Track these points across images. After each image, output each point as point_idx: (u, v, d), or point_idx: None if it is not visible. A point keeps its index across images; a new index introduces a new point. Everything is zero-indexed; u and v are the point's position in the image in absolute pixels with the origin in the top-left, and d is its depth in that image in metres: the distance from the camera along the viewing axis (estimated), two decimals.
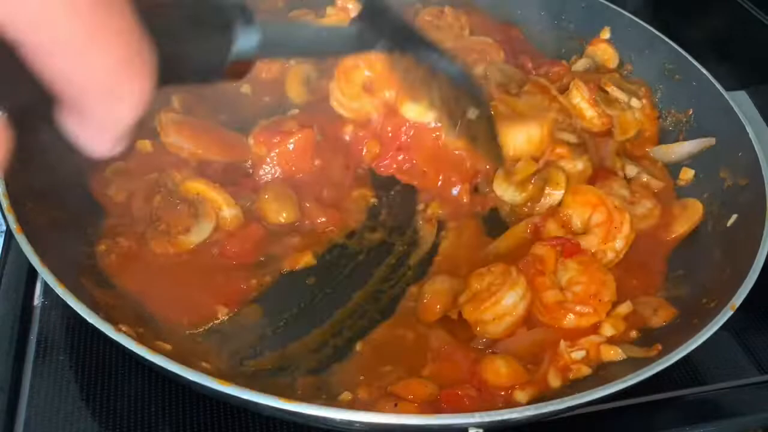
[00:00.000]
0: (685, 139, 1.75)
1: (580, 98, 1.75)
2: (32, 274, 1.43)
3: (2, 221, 1.54)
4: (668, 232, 1.58)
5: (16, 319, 1.34)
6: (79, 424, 1.22)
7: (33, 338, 1.33)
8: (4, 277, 1.41)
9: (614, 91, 1.83)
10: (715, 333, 1.17)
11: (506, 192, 1.55)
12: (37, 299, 1.40)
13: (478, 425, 0.99)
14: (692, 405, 1.37)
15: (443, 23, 1.99)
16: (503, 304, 1.31)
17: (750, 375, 1.43)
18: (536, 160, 1.58)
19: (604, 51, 1.99)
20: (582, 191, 1.51)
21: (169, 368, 1.02)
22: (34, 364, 1.29)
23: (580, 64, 1.98)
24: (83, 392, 1.27)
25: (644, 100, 1.83)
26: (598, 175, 1.63)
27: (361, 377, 1.27)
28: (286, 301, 1.38)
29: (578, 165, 1.58)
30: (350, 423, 1.02)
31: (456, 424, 1.00)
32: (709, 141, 1.70)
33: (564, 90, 1.81)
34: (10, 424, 1.21)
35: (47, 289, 1.40)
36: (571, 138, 1.66)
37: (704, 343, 1.17)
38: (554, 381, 1.26)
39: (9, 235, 1.47)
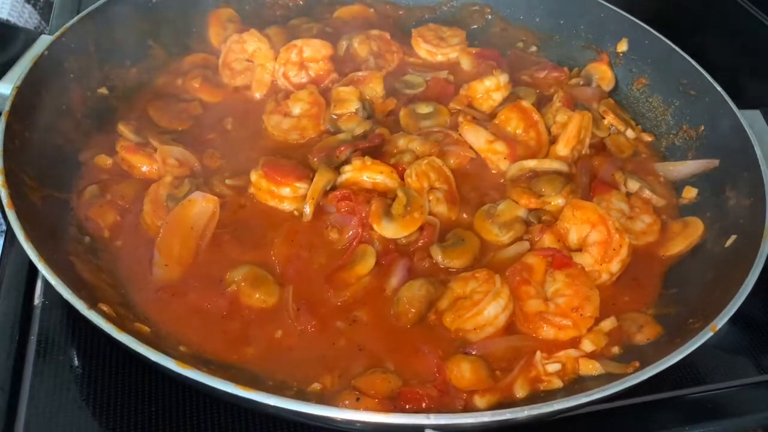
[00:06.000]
0: (694, 156, 1.71)
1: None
2: (32, 273, 1.43)
3: (2, 221, 1.59)
4: (666, 249, 1.54)
5: (16, 319, 1.35)
6: (79, 424, 1.23)
7: (33, 338, 1.34)
8: (4, 277, 1.43)
9: (612, 120, 1.81)
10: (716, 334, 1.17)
11: (490, 232, 1.51)
12: (37, 299, 1.40)
13: (433, 427, 0.99)
14: (692, 405, 1.36)
15: (445, 35, 2.07)
16: (485, 315, 1.30)
17: (750, 375, 1.42)
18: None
19: (603, 72, 1.97)
20: (583, 207, 1.47)
21: (134, 348, 1.04)
22: (34, 364, 1.30)
23: (573, 81, 1.98)
24: (83, 392, 1.28)
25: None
26: (597, 189, 1.61)
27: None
28: None
29: (558, 200, 1.55)
30: (306, 416, 1.03)
31: (410, 425, 1.00)
32: (711, 163, 1.66)
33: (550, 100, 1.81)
34: (10, 424, 1.21)
35: (47, 289, 1.41)
36: (554, 165, 1.64)
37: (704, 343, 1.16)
38: (520, 391, 1.25)
39: (9, 235, 1.49)
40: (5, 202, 1.23)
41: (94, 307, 1.11)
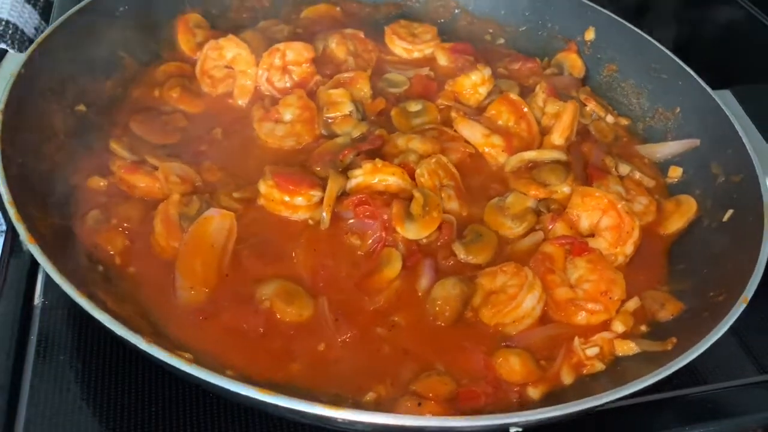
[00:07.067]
0: (674, 137, 1.80)
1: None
2: (32, 273, 1.40)
3: (2, 220, 1.49)
4: (664, 227, 1.62)
5: (16, 319, 1.33)
6: (80, 424, 1.21)
7: (33, 338, 1.32)
8: (5, 277, 1.39)
9: (594, 107, 1.87)
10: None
11: (503, 225, 1.53)
12: (37, 299, 1.37)
13: (519, 425, 1.00)
14: (692, 405, 1.39)
15: (417, 31, 2.08)
16: (523, 307, 1.33)
17: (750, 375, 1.46)
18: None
19: (572, 61, 2.03)
20: (591, 194, 1.52)
21: (210, 381, 1.01)
22: (34, 364, 1.28)
23: (549, 71, 2.03)
24: (83, 392, 1.26)
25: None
26: (594, 174, 1.66)
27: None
28: None
29: (564, 189, 1.59)
30: (388, 427, 1.02)
31: (498, 425, 1.01)
32: (693, 142, 1.74)
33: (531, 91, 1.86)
34: (10, 424, 1.19)
35: (47, 289, 1.38)
36: (554, 154, 1.68)
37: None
38: (567, 378, 1.29)
39: (9, 234, 1.44)
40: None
41: (150, 341, 1.06)
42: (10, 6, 1.77)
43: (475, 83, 1.84)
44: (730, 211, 1.53)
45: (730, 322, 1.21)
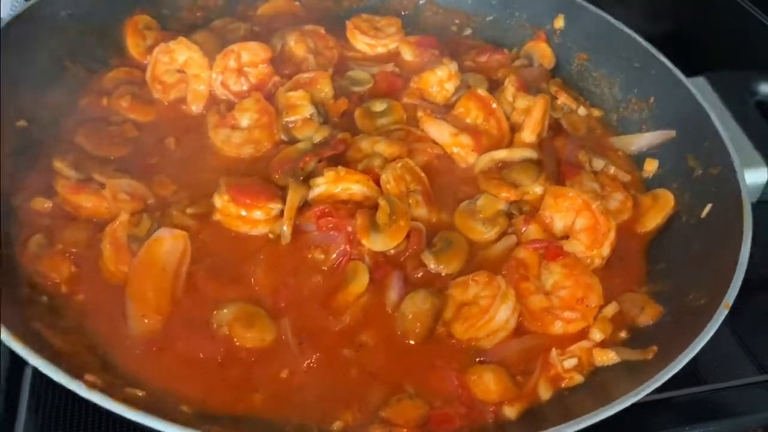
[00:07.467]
0: (649, 128, 1.74)
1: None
2: None
3: None
4: (641, 225, 1.55)
5: None
6: (80, 425, 1.22)
7: None
8: None
9: (564, 100, 1.80)
10: (715, 332, 1.16)
11: (474, 229, 1.46)
12: None
13: None
14: (692, 405, 1.36)
15: (380, 25, 1.99)
16: (497, 320, 1.26)
17: (750, 375, 1.43)
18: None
19: (542, 50, 1.96)
20: (564, 194, 1.45)
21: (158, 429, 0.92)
22: None
23: (518, 62, 1.95)
24: None
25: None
26: (567, 171, 1.59)
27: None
28: None
29: (536, 189, 1.53)
30: None
31: None
32: (668, 134, 1.67)
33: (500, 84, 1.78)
34: (10, 424, 1.20)
35: None
36: (525, 153, 1.61)
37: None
38: (545, 393, 1.23)
39: None
40: None
41: (83, 380, 0.98)
42: (10, 6, 1.69)
43: (441, 79, 1.76)
44: (708, 206, 1.47)
45: (713, 330, 1.16)
